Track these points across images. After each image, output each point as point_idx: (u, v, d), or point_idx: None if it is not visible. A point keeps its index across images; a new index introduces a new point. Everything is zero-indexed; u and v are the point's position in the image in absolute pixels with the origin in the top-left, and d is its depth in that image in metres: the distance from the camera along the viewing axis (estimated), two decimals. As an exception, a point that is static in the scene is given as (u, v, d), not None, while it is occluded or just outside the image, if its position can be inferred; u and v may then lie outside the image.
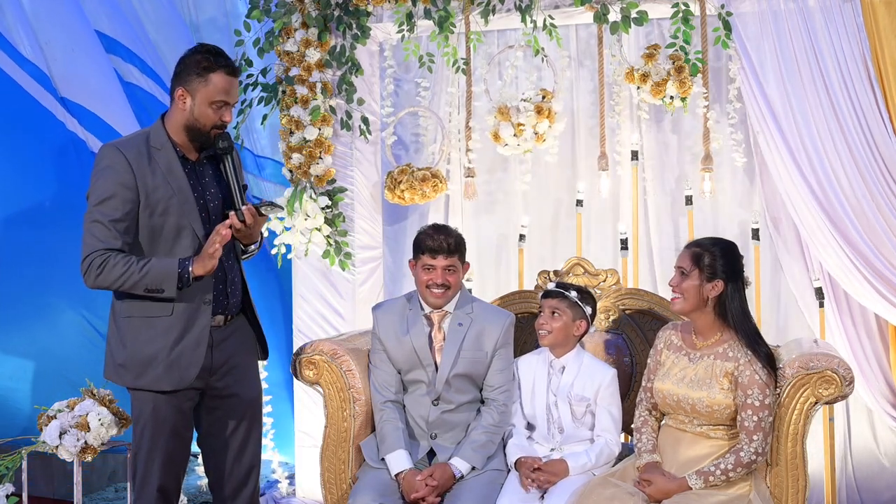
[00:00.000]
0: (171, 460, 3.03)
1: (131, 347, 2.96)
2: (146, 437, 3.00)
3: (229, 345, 3.09)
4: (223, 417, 3.12)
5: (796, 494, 3.03)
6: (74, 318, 4.36)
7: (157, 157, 2.97)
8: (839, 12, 3.89)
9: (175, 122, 3.01)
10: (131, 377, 2.97)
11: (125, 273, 2.85)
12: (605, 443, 3.21)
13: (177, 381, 2.96)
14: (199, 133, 2.99)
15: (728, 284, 3.04)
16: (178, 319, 2.95)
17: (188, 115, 2.97)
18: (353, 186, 4.52)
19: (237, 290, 3.12)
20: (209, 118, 2.97)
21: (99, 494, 4.78)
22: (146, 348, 2.95)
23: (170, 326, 2.95)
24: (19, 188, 4.29)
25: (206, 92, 2.95)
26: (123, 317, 2.98)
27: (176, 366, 2.95)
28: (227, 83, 2.98)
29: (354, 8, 4.35)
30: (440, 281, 3.27)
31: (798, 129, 3.95)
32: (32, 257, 4.29)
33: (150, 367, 2.94)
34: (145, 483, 3.02)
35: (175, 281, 2.87)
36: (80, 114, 4.51)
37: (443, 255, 3.25)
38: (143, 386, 2.97)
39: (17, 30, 4.44)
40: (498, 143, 4.30)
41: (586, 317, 3.29)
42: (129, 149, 2.95)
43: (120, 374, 3.00)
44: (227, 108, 3.00)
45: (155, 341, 2.94)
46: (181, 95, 2.97)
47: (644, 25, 4.12)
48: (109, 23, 4.85)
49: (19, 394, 4.29)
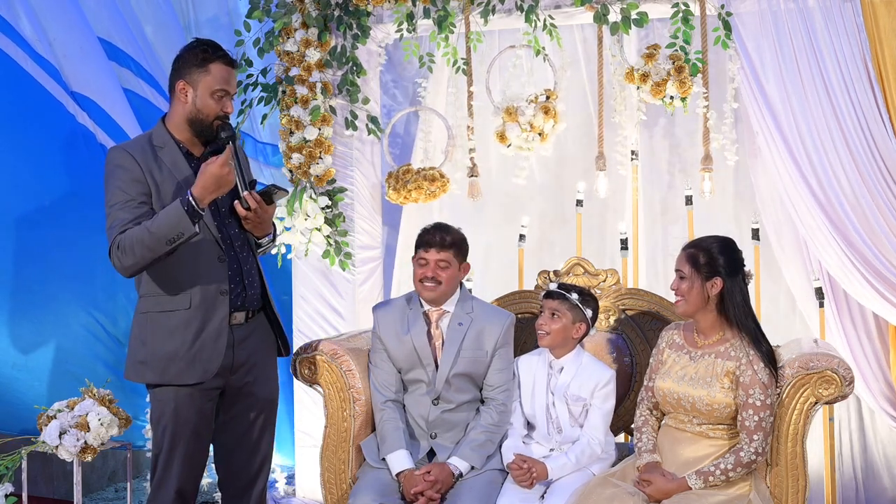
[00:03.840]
0: (190, 462, 3.03)
1: (151, 344, 2.96)
2: (167, 437, 3.00)
3: (250, 343, 3.10)
4: (239, 415, 3.13)
5: (796, 494, 3.03)
6: (80, 311, 4.37)
7: (161, 154, 2.99)
8: (839, 12, 3.89)
9: (177, 117, 3.03)
10: (154, 374, 2.97)
11: (142, 239, 2.83)
12: (587, 442, 3.20)
13: (200, 373, 2.96)
14: (201, 124, 3.02)
15: (727, 281, 3.04)
16: (196, 312, 2.96)
17: (191, 108, 3.00)
18: (353, 186, 4.52)
19: (255, 282, 3.11)
20: (211, 108, 3.00)
21: (99, 494, 4.78)
22: (167, 344, 2.95)
23: (189, 319, 2.95)
24: (31, 180, 4.32)
25: (207, 82, 2.99)
26: (142, 313, 2.99)
27: (198, 359, 2.96)
28: (227, 72, 3.02)
29: (354, 8, 4.35)
30: (430, 274, 3.27)
31: (798, 129, 3.95)
32: (42, 249, 4.30)
33: (171, 362, 2.95)
34: (163, 484, 3.02)
35: (187, 218, 2.83)
36: (89, 107, 4.53)
37: (435, 248, 3.26)
38: (166, 381, 2.97)
39: (26, 24, 4.46)
40: (503, 143, 4.30)
41: (586, 319, 3.29)
42: (135, 148, 2.99)
43: (141, 371, 2.99)
44: (228, 97, 3.04)
45: (174, 336, 2.95)
46: (182, 88, 3.00)
47: (644, 27, 4.12)
48: (106, 26, 4.86)
49: (22, 384, 4.30)
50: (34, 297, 4.29)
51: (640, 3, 4.05)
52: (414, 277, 3.34)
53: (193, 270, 2.97)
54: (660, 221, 4.59)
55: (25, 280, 4.28)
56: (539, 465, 3.13)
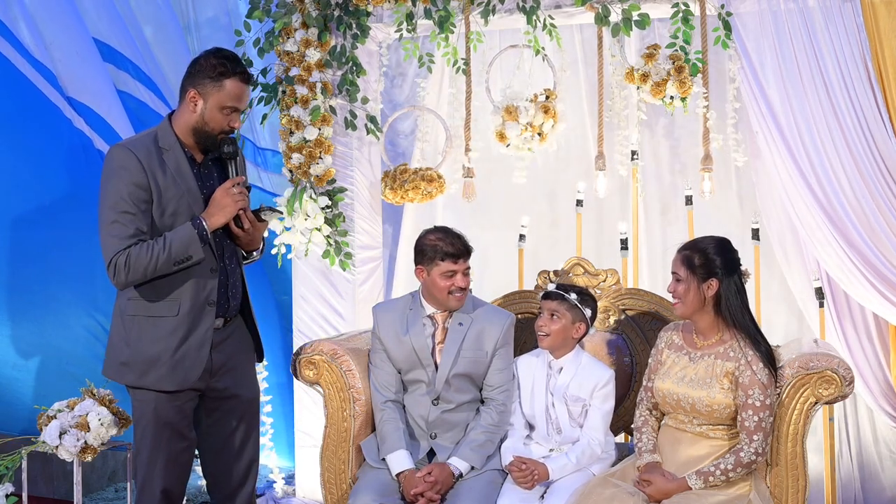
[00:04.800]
0: (174, 462, 3.03)
1: (135, 346, 2.96)
2: (148, 438, 3.00)
3: (228, 346, 3.11)
4: (223, 418, 3.13)
5: (796, 494, 3.03)
6: (80, 312, 4.37)
7: (166, 157, 2.98)
8: (839, 12, 3.88)
9: (183, 123, 3.02)
10: (134, 376, 2.98)
11: (151, 258, 2.87)
12: (588, 443, 3.20)
13: (180, 381, 2.97)
14: (206, 136, 3.01)
15: (723, 281, 3.04)
16: (183, 320, 2.97)
17: (198, 118, 2.99)
18: (352, 186, 4.52)
19: (238, 293, 3.13)
20: (218, 123, 2.99)
21: (99, 494, 4.78)
22: (150, 348, 2.95)
23: (175, 327, 2.96)
24: (30, 181, 4.33)
25: (218, 97, 2.97)
26: (129, 315, 2.99)
27: (180, 366, 2.96)
28: (241, 90, 3.00)
29: (354, 8, 4.35)
30: (463, 285, 3.27)
31: (798, 129, 3.95)
32: (41, 250, 4.31)
33: (153, 366, 2.95)
34: (148, 485, 3.02)
35: (198, 242, 2.90)
36: (85, 112, 4.53)
37: (462, 258, 3.26)
38: (145, 385, 2.97)
39: (23, 28, 4.46)
40: (503, 142, 4.29)
41: (585, 319, 3.29)
42: (140, 149, 2.96)
43: (122, 372, 3.00)
44: (237, 114, 3.03)
45: (159, 341, 2.95)
46: (193, 97, 2.98)
47: (645, 28, 4.12)
48: (103, 28, 4.86)
49: (21, 384, 4.31)
50: (34, 297, 4.30)
51: (640, 3, 4.05)
52: (435, 288, 3.27)
53: (186, 280, 2.98)
54: (660, 221, 4.59)
55: (24, 281, 4.29)
56: (540, 466, 3.13)
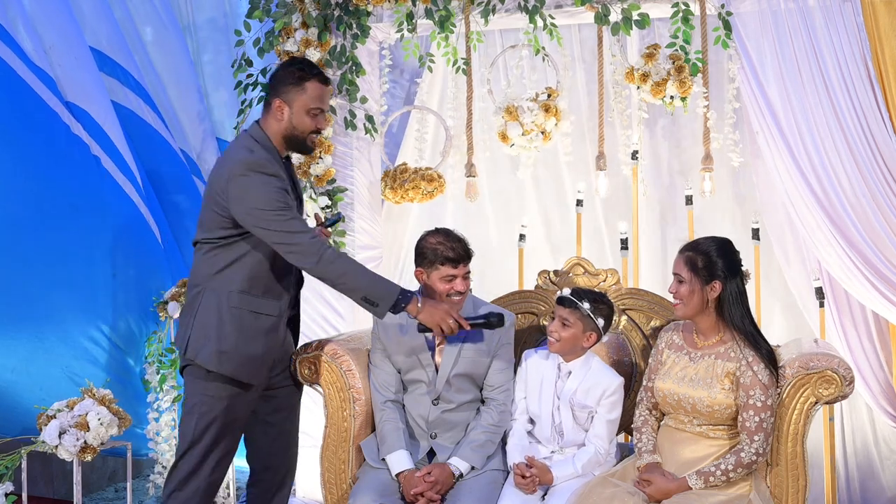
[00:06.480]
0: (227, 456, 3.17)
1: (236, 339, 3.06)
2: (211, 431, 3.09)
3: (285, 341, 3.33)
4: (279, 406, 3.31)
5: (796, 494, 3.03)
6: (79, 319, 4.36)
7: (282, 164, 3.15)
8: (839, 12, 3.88)
9: (272, 132, 3.15)
10: (231, 367, 3.07)
11: (353, 272, 3.02)
12: (595, 451, 3.17)
13: (264, 376, 3.16)
14: (296, 140, 3.16)
15: (726, 283, 3.04)
16: (277, 322, 3.15)
17: (287, 125, 3.13)
18: (352, 186, 4.52)
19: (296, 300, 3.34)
20: (307, 125, 3.14)
21: (99, 494, 4.78)
22: (251, 344, 3.09)
23: (272, 327, 3.13)
24: (30, 186, 4.33)
25: (302, 100, 3.11)
26: (232, 307, 3.07)
27: (266, 364, 3.15)
28: (322, 91, 3.15)
29: (354, 8, 4.35)
30: (462, 289, 3.26)
31: (798, 129, 3.95)
32: (40, 256, 4.31)
33: (251, 362, 3.09)
34: (195, 476, 3.10)
35: (392, 302, 3.01)
36: (82, 118, 4.53)
37: (463, 263, 3.26)
38: (238, 377, 3.08)
39: (22, 32, 4.46)
40: (505, 143, 4.29)
41: (598, 329, 3.21)
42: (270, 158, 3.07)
43: (220, 361, 3.06)
44: (323, 115, 3.17)
45: (258, 338, 3.10)
46: (279, 106, 3.12)
47: (645, 28, 4.12)
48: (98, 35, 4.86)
49: (20, 387, 4.30)
50: (33, 303, 4.29)
51: (640, 2, 4.05)
52: (434, 291, 3.25)
53: (287, 283, 3.16)
54: (660, 221, 4.59)
55: (23, 286, 4.28)
56: (546, 475, 3.12)
